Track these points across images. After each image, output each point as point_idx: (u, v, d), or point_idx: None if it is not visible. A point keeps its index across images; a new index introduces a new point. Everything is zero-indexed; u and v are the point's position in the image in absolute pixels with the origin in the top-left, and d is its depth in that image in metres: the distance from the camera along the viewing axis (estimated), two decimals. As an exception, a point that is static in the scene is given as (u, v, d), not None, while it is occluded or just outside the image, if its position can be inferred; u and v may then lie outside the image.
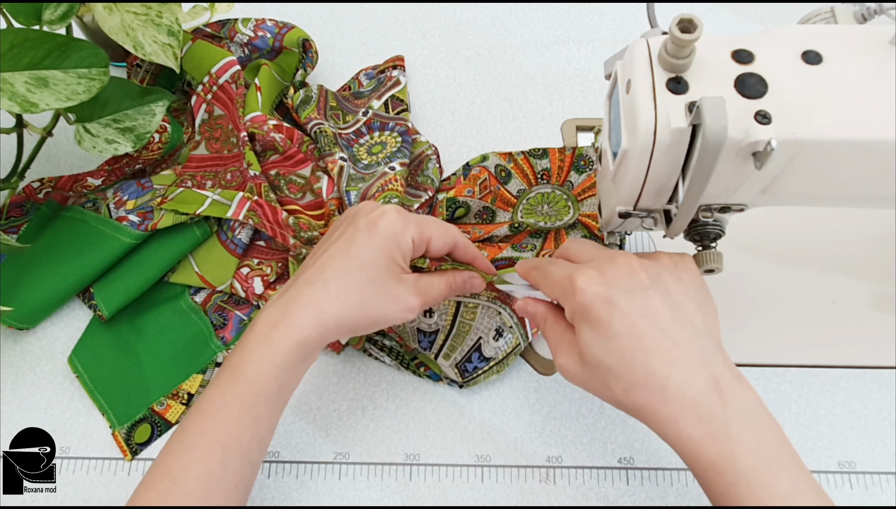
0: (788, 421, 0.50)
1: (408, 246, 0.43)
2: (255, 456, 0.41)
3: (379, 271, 0.42)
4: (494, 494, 0.48)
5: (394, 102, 0.61)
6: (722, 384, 0.36)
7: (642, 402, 0.36)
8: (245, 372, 0.40)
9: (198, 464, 0.39)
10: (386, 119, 0.60)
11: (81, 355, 0.53)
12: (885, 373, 0.51)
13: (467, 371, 0.50)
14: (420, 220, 0.44)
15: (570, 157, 0.58)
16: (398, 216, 0.43)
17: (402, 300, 0.43)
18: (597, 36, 0.68)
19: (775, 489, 0.34)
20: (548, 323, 0.43)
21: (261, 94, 0.59)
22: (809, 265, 0.55)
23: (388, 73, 0.64)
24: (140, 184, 0.57)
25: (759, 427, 0.36)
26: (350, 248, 0.42)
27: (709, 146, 0.32)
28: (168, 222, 0.54)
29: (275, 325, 0.41)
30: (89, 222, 0.56)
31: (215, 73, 0.59)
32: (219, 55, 0.59)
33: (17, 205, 0.58)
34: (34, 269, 0.54)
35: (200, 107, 0.60)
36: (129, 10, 0.52)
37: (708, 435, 0.35)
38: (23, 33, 0.47)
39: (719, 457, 0.35)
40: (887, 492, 0.48)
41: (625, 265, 0.39)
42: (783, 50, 0.36)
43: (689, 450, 0.36)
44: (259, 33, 0.62)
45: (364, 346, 0.53)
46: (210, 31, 0.62)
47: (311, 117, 0.59)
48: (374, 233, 0.42)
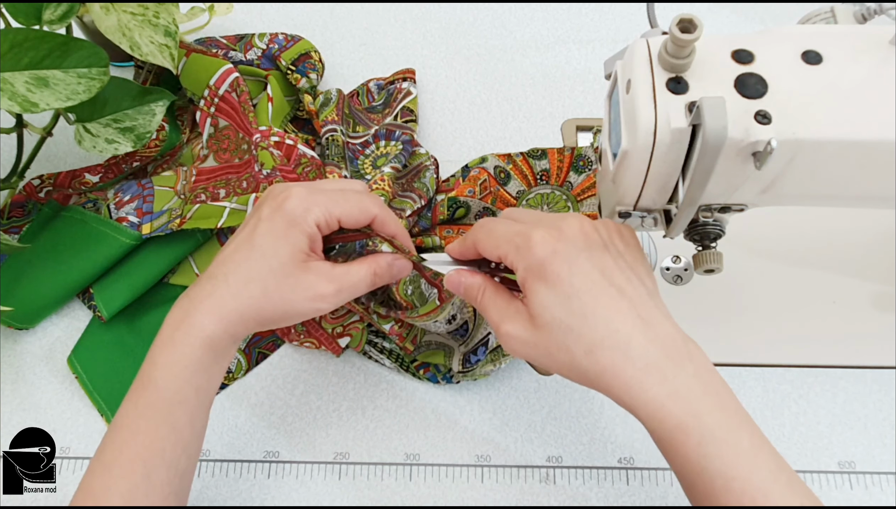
0: (788, 421, 0.50)
1: (312, 230, 0.40)
2: (182, 464, 0.39)
3: (282, 259, 0.39)
4: (494, 494, 0.48)
5: (403, 113, 0.61)
6: (679, 342, 0.35)
7: (606, 362, 0.35)
8: (154, 379, 0.38)
9: (120, 482, 0.37)
10: (393, 127, 0.60)
11: (81, 356, 0.53)
12: (885, 373, 0.51)
13: (469, 362, 0.50)
14: (329, 199, 0.41)
15: (569, 158, 0.58)
16: (300, 200, 0.40)
17: (311, 288, 0.40)
18: (597, 36, 0.68)
19: (739, 445, 0.34)
20: (487, 293, 0.40)
21: (272, 105, 0.58)
22: (809, 265, 0.55)
23: (399, 85, 0.63)
24: (140, 184, 0.57)
25: (716, 384, 0.35)
26: (253, 238, 0.40)
27: (709, 146, 0.32)
28: None
29: (177, 326, 0.39)
30: (89, 223, 0.56)
31: (214, 84, 0.58)
32: (214, 65, 0.58)
33: (19, 205, 0.58)
34: (34, 270, 0.54)
35: (206, 121, 0.59)
36: (126, 10, 0.52)
37: (673, 394, 0.34)
38: (23, 33, 0.47)
39: (686, 415, 0.34)
40: (887, 492, 0.48)
41: (578, 225, 0.37)
42: (783, 50, 0.36)
43: (654, 412, 0.34)
44: (270, 46, 0.62)
45: (364, 349, 0.53)
46: (226, 42, 0.63)
47: (329, 120, 0.58)
48: (276, 219, 0.40)
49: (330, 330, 0.52)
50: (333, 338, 0.52)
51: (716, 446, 0.33)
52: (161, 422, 0.38)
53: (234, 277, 0.39)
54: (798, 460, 0.49)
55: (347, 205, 0.41)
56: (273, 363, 0.54)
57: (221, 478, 0.49)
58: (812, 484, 0.48)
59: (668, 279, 0.55)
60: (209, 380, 0.40)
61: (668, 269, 0.55)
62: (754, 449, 0.34)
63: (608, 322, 0.35)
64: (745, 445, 0.34)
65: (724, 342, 0.53)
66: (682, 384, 0.34)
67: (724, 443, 0.33)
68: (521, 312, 0.38)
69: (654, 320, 0.36)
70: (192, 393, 0.39)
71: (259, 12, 0.69)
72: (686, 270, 0.55)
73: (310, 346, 0.53)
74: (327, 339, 0.52)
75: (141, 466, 0.37)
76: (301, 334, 0.53)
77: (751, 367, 0.52)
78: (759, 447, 0.34)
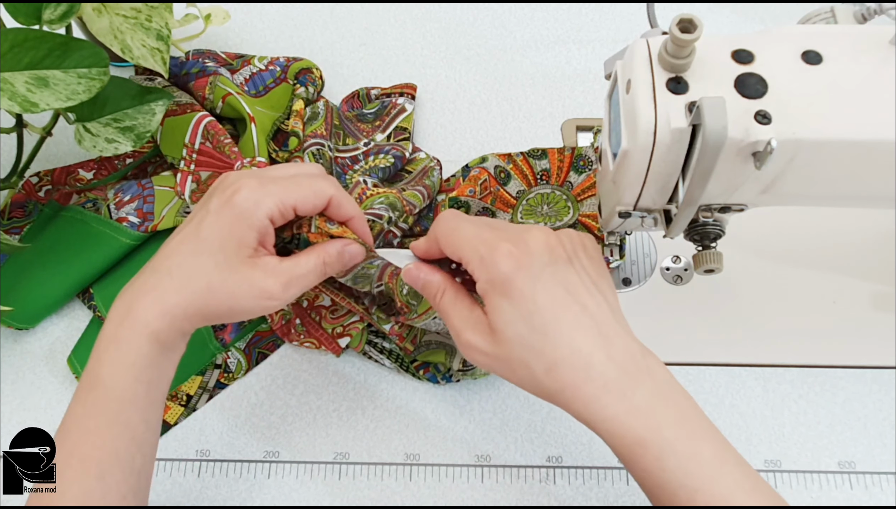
0: (788, 421, 0.50)
1: (263, 223, 0.38)
2: (137, 462, 0.38)
3: (228, 254, 0.38)
4: (494, 494, 0.48)
5: (397, 132, 0.60)
6: (638, 358, 0.35)
7: (566, 380, 0.35)
8: (101, 377, 0.37)
9: (73, 486, 0.36)
10: (382, 145, 0.59)
11: (81, 356, 0.53)
12: (885, 373, 0.51)
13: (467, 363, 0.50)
14: (281, 188, 0.39)
15: (569, 158, 0.58)
16: (251, 193, 0.38)
17: (256, 285, 0.38)
18: (597, 36, 0.68)
19: (701, 456, 0.34)
20: (447, 295, 0.39)
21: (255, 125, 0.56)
22: (809, 265, 0.55)
23: (394, 99, 0.62)
24: (140, 184, 0.57)
25: (676, 398, 0.35)
26: (200, 231, 0.39)
27: (709, 146, 0.32)
28: (168, 224, 0.54)
29: (121, 322, 0.38)
30: (89, 223, 0.56)
31: (189, 141, 0.56)
32: (185, 122, 0.56)
33: (20, 205, 0.58)
34: (34, 270, 0.54)
35: (186, 180, 0.55)
36: (119, 12, 0.52)
37: (633, 411, 0.34)
38: (23, 33, 0.47)
39: (646, 430, 0.34)
40: (887, 492, 0.48)
41: (544, 239, 0.37)
42: (783, 50, 0.36)
43: (614, 429, 0.34)
44: (269, 67, 0.62)
45: (364, 349, 0.53)
46: (224, 57, 0.62)
47: (316, 133, 0.57)
48: (223, 213, 0.38)
49: (330, 330, 0.52)
50: (333, 338, 0.52)
51: (676, 459, 0.34)
52: (113, 423, 0.37)
53: (179, 271, 0.38)
54: (798, 460, 0.49)
55: (301, 190, 0.39)
56: (273, 363, 0.54)
57: (221, 478, 0.49)
58: (812, 484, 0.48)
59: (668, 279, 0.55)
60: (160, 374, 0.39)
61: (668, 269, 0.55)
62: (717, 459, 0.34)
63: (570, 340, 0.35)
64: (707, 455, 0.34)
65: (724, 342, 0.53)
66: (641, 399, 0.34)
67: (684, 456, 0.34)
68: (482, 322, 0.37)
69: (614, 336, 0.36)
70: (143, 389, 0.38)
71: (259, 12, 0.69)
72: (686, 270, 0.55)
73: (310, 346, 0.53)
74: (327, 339, 0.52)
75: (95, 467, 0.36)
76: (301, 334, 0.53)
77: (751, 367, 0.52)
78: (723, 456, 0.34)
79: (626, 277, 0.55)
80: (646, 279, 0.55)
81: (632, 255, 0.56)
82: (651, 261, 0.56)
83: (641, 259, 0.56)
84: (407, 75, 0.65)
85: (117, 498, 0.37)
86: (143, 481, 0.39)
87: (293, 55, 0.64)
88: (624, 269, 0.56)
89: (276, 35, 0.68)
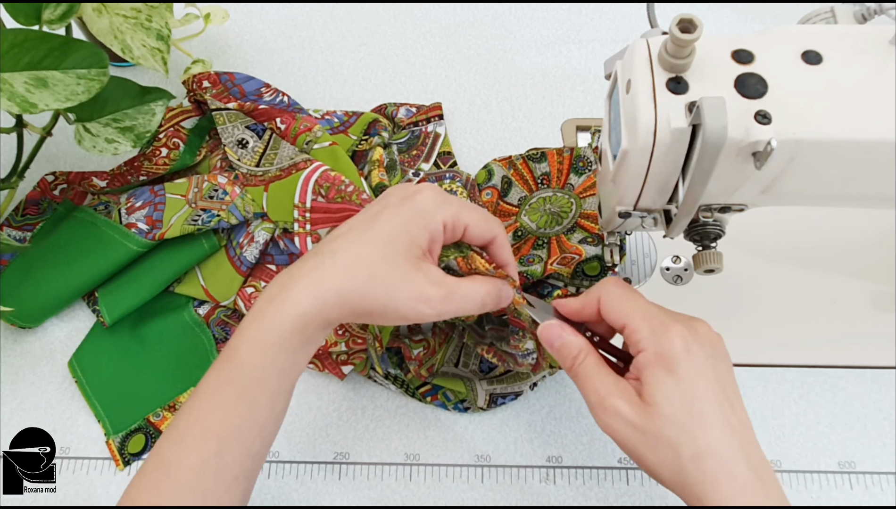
0: (788, 421, 0.50)
1: (437, 228, 0.38)
2: (256, 446, 0.37)
3: (397, 249, 0.37)
4: (494, 494, 0.48)
5: (443, 158, 0.60)
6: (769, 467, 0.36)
7: (708, 472, 0.34)
8: (238, 352, 0.37)
9: (191, 454, 0.35)
10: (440, 173, 0.59)
11: (82, 360, 0.53)
12: (885, 373, 0.51)
13: (494, 403, 0.51)
14: (461, 205, 0.39)
15: (568, 159, 0.57)
16: (434, 195, 0.39)
17: (417, 287, 0.37)
18: (597, 36, 0.68)
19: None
20: (589, 359, 0.38)
21: None
22: (809, 265, 0.55)
23: (423, 128, 0.62)
24: (153, 190, 0.56)
25: None
26: (374, 221, 0.38)
27: (709, 146, 0.32)
28: (176, 232, 0.53)
29: (271, 300, 0.37)
30: (99, 226, 0.55)
31: (299, 201, 0.53)
32: (292, 184, 0.54)
33: (35, 203, 0.58)
34: (42, 268, 0.54)
35: (306, 241, 0.53)
36: (119, 12, 0.52)
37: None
38: (22, 33, 0.47)
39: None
40: (887, 492, 0.48)
41: (709, 330, 0.38)
42: (783, 50, 0.36)
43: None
44: (326, 117, 0.62)
45: (368, 373, 0.52)
46: None
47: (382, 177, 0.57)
48: (403, 209, 0.38)
49: (335, 356, 0.51)
50: (337, 364, 0.51)
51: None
52: (241, 399, 0.36)
53: (342, 255, 0.37)
54: (798, 460, 0.49)
55: (476, 214, 0.40)
56: (273, 363, 0.54)
57: (221, 478, 0.49)
58: (812, 484, 0.48)
59: (668, 279, 0.55)
60: (294, 362, 0.38)
61: (668, 269, 0.55)
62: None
63: (722, 434, 0.35)
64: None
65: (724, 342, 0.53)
66: None
67: None
68: (630, 392, 0.37)
69: (753, 442, 0.37)
70: (275, 373, 0.37)
71: (259, 12, 0.69)
72: (686, 270, 0.55)
73: (312, 368, 0.52)
74: (331, 364, 0.51)
75: (215, 442, 0.36)
76: None
77: (751, 367, 0.52)
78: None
79: (626, 277, 0.55)
80: (646, 279, 0.55)
81: (632, 255, 0.56)
82: (651, 261, 0.56)
83: (641, 259, 0.56)
84: (407, 75, 0.66)
85: (230, 478, 0.36)
86: (255, 466, 0.38)
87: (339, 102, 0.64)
88: (624, 269, 0.56)
89: (276, 35, 0.68)
